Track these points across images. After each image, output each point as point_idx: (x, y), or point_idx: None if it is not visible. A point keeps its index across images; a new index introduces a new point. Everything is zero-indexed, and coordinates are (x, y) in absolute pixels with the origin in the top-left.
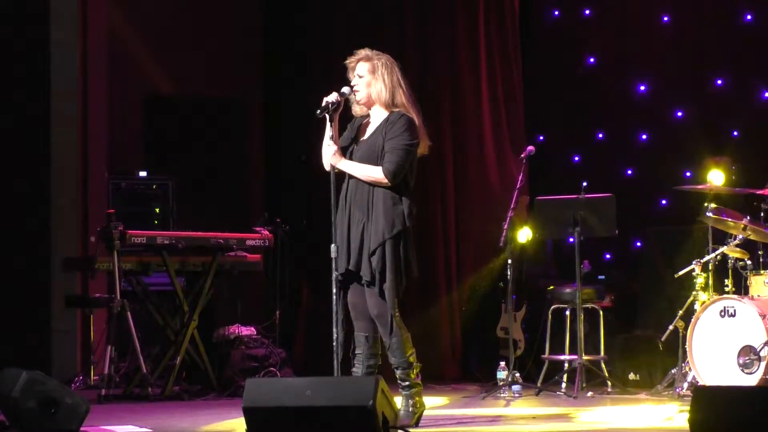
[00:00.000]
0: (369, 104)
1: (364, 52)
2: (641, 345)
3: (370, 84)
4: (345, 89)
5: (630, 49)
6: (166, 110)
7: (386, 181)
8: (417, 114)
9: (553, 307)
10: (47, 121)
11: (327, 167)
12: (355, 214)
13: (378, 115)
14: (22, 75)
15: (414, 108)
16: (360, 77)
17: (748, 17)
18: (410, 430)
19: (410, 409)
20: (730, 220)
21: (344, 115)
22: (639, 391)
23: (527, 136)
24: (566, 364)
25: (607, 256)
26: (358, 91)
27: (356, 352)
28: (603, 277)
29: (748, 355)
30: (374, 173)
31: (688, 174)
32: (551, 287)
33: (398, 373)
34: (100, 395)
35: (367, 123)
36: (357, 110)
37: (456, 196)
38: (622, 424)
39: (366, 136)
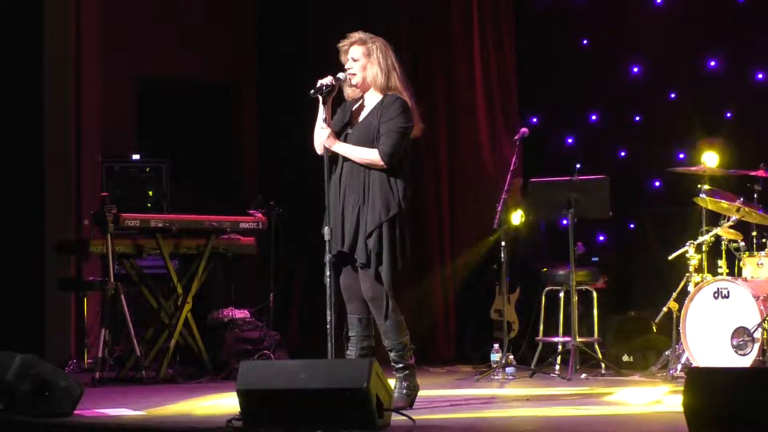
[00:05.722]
0: (364, 88)
1: (357, 35)
2: (635, 327)
3: (366, 67)
4: (341, 74)
5: (623, 31)
6: (160, 92)
7: (382, 163)
8: (410, 96)
9: (547, 289)
10: (40, 105)
11: (319, 150)
12: (350, 197)
13: (372, 99)
14: (14, 58)
15: (407, 91)
16: (355, 60)
17: None
18: (404, 412)
19: (404, 391)
20: (723, 201)
21: (335, 97)
22: (633, 372)
23: (521, 118)
24: (560, 346)
25: (601, 237)
26: (354, 75)
27: (349, 334)
28: (597, 258)
29: (742, 337)
30: (370, 155)
31: (681, 156)
32: (545, 269)
33: (392, 355)
34: (94, 378)
35: (361, 106)
36: (349, 92)
37: (450, 178)
38: (616, 406)
39: (360, 119)
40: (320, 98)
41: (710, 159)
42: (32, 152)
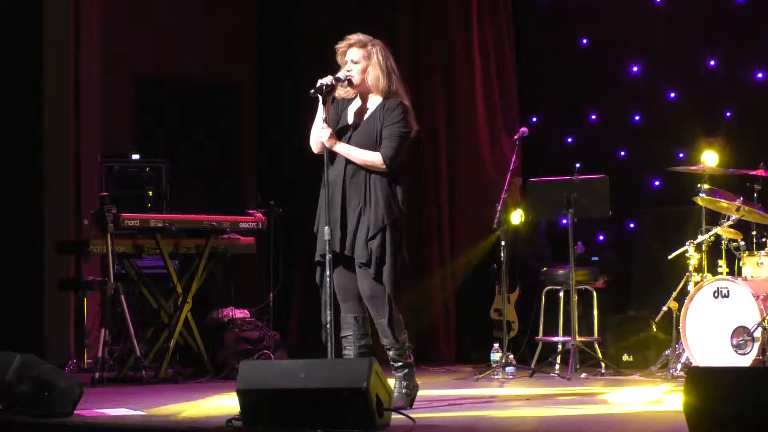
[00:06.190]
0: (362, 89)
1: (356, 37)
2: (635, 326)
3: (366, 70)
4: (340, 74)
5: (622, 30)
6: (159, 92)
7: (384, 166)
8: (408, 99)
9: (546, 288)
10: (40, 105)
11: (316, 149)
12: (352, 199)
13: (373, 102)
14: (14, 58)
15: (406, 94)
16: (355, 63)
17: None
18: (404, 411)
19: (404, 390)
20: (723, 201)
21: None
22: (633, 372)
23: (520, 118)
24: (560, 346)
25: (601, 237)
26: (353, 76)
27: (346, 334)
28: (596, 258)
29: (742, 336)
30: (372, 157)
31: (681, 155)
32: (545, 269)
33: (391, 354)
34: (94, 378)
35: (363, 109)
36: (341, 92)
37: (449, 178)
38: (616, 406)
39: (362, 122)
40: (320, 98)
41: (710, 158)
42: (32, 152)
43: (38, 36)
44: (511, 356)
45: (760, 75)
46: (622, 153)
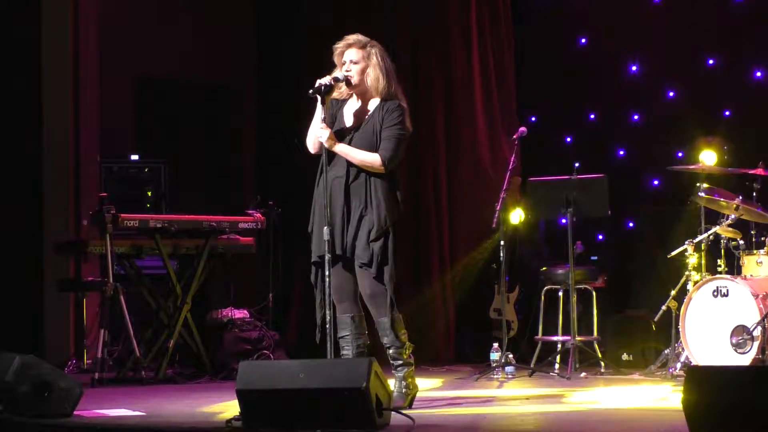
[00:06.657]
0: (360, 90)
1: (354, 38)
2: (634, 325)
3: (365, 71)
4: (339, 74)
5: (622, 29)
6: (159, 93)
7: (382, 167)
8: (406, 101)
9: (546, 288)
10: (39, 105)
11: (313, 150)
12: (353, 200)
13: (370, 102)
14: (12, 58)
15: (404, 95)
16: (354, 63)
17: None
18: (404, 411)
19: (403, 390)
20: (722, 200)
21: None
22: (632, 371)
23: (519, 117)
24: (559, 345)
25: (600, 236)
26: (352, 77)
27: (343, 334)
28: (596, 257)
29: (741, 335)
30: (370, 158)
31: (680, 154)
32: (544, 268)
33: (391, 352)
34: (94, 379)
35: (359, 109)
36: (335, 94)
37: (448, 178)
38: (616, 405)
39: (361, 123)
40: (319, 98)
41: (708, 157)
42: (31, 152)
43: (38, 36)
44: (511, 356)
45: (759, 74)
46: (621, 152)
